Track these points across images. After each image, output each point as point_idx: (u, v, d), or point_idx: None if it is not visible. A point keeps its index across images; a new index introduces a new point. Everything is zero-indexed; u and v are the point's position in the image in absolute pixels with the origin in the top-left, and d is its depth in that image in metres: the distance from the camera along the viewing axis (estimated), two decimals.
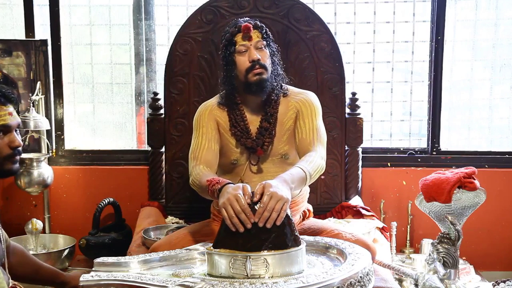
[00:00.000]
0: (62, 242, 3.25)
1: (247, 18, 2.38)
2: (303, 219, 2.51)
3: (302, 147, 2.34)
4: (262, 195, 1.84)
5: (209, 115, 2.42)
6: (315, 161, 2.20)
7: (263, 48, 2.32)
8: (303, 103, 2.41)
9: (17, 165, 1.86)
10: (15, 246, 2.07)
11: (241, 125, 2.39)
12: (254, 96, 2.35)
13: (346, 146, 3.15)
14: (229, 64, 2.34)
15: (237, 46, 2.31)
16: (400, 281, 2.76)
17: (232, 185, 1.95)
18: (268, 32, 2.38)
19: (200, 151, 2.34)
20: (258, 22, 2.36)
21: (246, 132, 2.38)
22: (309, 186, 3.02)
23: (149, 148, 3.26)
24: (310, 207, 2.58)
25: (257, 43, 2.31)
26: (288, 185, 1.96)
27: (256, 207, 1.82)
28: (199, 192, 2.24)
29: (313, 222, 2.50)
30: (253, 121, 2.40)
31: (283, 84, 2.45)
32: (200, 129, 2.40)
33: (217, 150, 2.39)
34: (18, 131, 1.86)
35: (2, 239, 1.89)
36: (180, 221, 3.05)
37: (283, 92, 2.43)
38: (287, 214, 1.84)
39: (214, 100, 2.48)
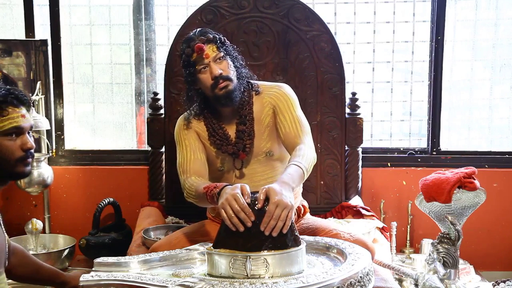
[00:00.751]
0: (62, 242, 3.25)
1: (198, 31, 2.30)
2: (299, 216, 2.49)
3: (289, 141, 2.32)
4: (264, 200, 1.83)
5: (188, 127, 2.42)
6: (307, 154, 2.19)
7: (222, 59, 2.29)
8: (277, 97, 2.39)
9: (29, 167, 1.85)
10: (15, 246, 2.06)
11: (219, 133, 2.38)
12: (225, 107, 2.35)
13: (346, 146, 3.15)
14: (193, 83, 2.33)
15: (196, 66, 2.27)
16: (400, 281, 2.76)
17: (230, 186, 1.94)
18: (223, 39, 2.32)
19: (188, 163, 2.33)
20: (210, 35, 2.28)
21: (226, 139, 2.38)
22: (308, 186, 3.04)
23: (149, 148, 3.26)
24: (305, 203, 2.56)
25: (215, 57, 2.27)
26: (290, 186, 1.95)
27: (256, 208, 1.81)
28: (196, 203, 2.22)
29: (311, 221, 2.48)
30: (231, 126, 2.39)
31: (253, 82, 2.43)
32: (182, 142, 2.40)
33: (204, 159, 2.38)
34: (30, 133, 1.86)
35: (5, 241, 1.89)
36: (180, 221, 3.04)
37: (255, 90, 2.41)
38: None
39: (189, 113, 2.46)
